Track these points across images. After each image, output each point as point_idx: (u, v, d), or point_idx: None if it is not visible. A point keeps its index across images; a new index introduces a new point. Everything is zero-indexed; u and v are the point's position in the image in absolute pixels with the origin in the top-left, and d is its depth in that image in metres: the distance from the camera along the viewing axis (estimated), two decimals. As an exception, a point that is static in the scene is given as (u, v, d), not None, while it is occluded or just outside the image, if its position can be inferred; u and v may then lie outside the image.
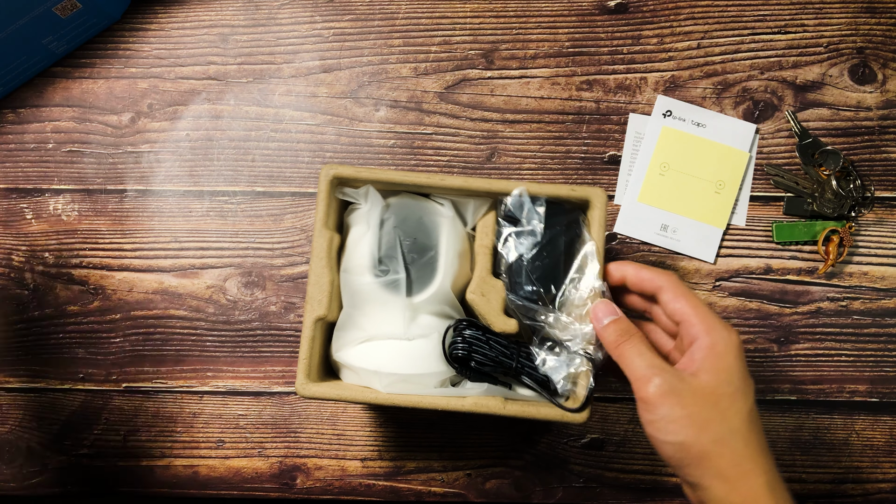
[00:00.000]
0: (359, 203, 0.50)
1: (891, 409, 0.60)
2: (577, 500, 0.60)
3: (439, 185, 0.49)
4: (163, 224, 0.61)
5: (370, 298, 0.49)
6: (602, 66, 0.62)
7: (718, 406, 0.41)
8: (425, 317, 0.50)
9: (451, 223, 0.50)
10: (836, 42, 0.62)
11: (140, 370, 0.61)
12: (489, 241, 0.50)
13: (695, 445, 0.41)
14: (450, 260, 0.50)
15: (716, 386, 0.41)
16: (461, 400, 0.48)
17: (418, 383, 0.49)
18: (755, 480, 0.41)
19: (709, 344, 0.42)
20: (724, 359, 0.42)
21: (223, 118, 0.62)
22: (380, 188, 0.50)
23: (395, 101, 0.62)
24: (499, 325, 0.49)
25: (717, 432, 0.41)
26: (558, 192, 0.49)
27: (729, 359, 0.42)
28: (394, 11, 0.62)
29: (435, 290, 0.49)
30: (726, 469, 0.41)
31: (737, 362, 0.42)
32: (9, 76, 0.60)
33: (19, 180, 0.62)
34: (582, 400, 0.48)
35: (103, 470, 0.60)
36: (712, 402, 0.41)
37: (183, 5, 0.63)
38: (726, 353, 0.42)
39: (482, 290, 0.49)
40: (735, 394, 0.42)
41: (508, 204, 0.49)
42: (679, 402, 0.41)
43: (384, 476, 0.60)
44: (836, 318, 0.61)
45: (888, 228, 0.61)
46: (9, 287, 0.61)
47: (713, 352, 0.42)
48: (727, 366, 0.42)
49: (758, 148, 0.61)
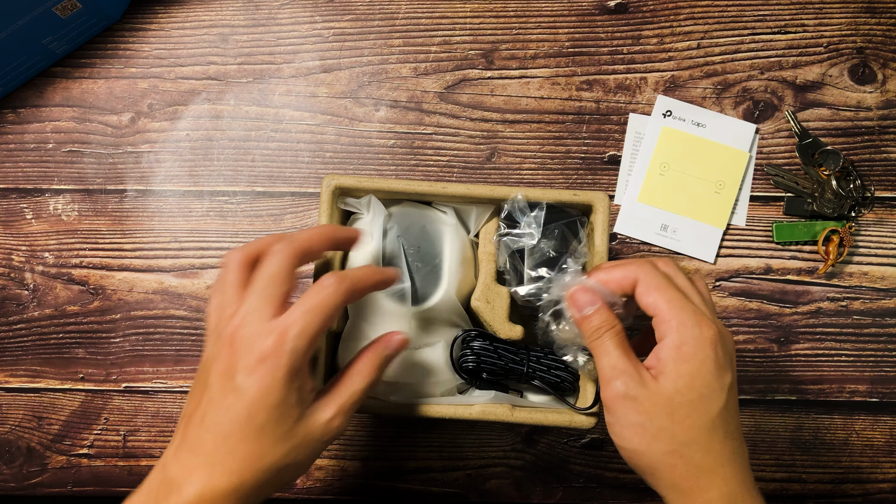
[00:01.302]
0: (361, 213, 0.50)
1: (891, 409, 0.60)
2: (577, 500, 0.60)
3: (442, 193, 0.49)
4: (163, 224, 0.61)
5: (375, 308, 0.49)
6: (602, 66, 0.62)
7: (675, 415, 0.38)
8: (431, 325, 0.50)
9: (455, 231, 0.50)
10: (836, 42, 0.62)
11: (140, 370, 0.61)
12: (492, 247, 0.50)
13: (645, 455, 0.39)
14: (454, 268, 0.49)
15: (674, 393, 0.38)
16: (468, 408, 0.48)
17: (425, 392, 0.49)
18: (711, 493, 0.38)
19: (675, 344, 0.39)
20: (688, 362, 0.38)
21: (223, 118, 0.62)
22: (382, 197, 0.50)
23: (395, 101, 0.62)
24: (505, 331, 0.49)
25: (669, 444, 0.38)
26: (561, 198, 0.49)
27: (694, 362, 0.38)
28: (394, 11, 0.62)
29: (440, 298, 0.49)
30: (679, 482, 0.38)
31: (705, 364, 0.38)
32: (9, 76, 0.60)
33: (19, 180, 0.62)
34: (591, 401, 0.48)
35: (103, 470, 0.60)
36: (668, 410, 0.38)
37: (183, 5, 0.63)
38: (692, 356, 0.38)
39: (487, 297, 0.49)
40: (696, 401, 0.38)
41: (507, 209, 0.49)
42: (635, 409, 0.39)
43: (384, 476, 0.60)
44: (836, 318, 0.61)
45: (888, 228, 0.61)
46: (9, 287, 0.61)
47: (678, 353, 0.39)
48: (691, 370, 0.38)
49: (758, 148, 0.61)
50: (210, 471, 0.37)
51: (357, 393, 0.41)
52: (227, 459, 0.37)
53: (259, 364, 0.37)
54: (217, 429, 0.37)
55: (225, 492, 0.37)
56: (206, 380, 0.39)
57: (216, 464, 0.37)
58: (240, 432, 0.37)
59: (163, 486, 0.37)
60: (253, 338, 0.37)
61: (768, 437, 0.60)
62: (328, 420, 0.39)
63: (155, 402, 0.61)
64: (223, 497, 0.37)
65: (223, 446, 0.37)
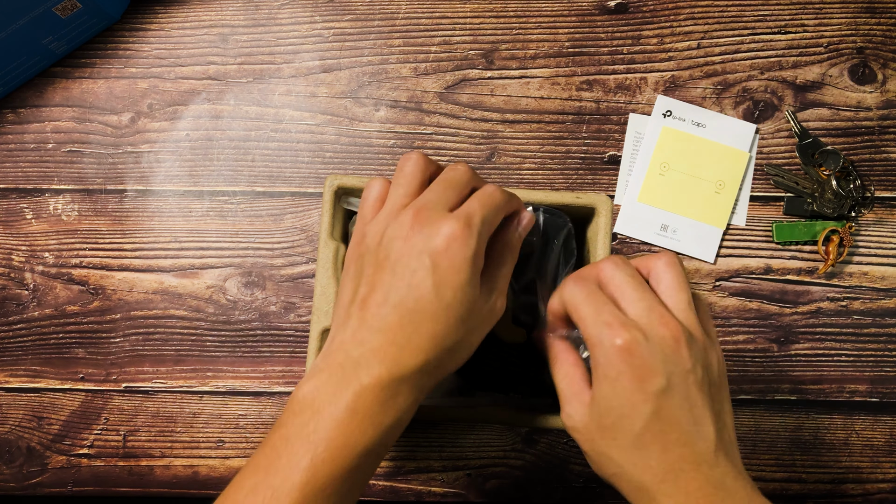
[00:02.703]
0: None
1: (891, 409, 0.60)
2: (577, 500, 0.60)
3: None
4: (163, 224, 0.61)
5: None
6: (602, 66, 0.62)
7: (605, 438, 0.37)
8: None
9: None
10: (836, 42, 0.62)
11: (140, 370, 0.61)
12: None
13: (603, 477, 0.39)
14: None
15: (600, 417, 0.37)
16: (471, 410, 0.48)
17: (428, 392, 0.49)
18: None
19: (595, 364, 0.37)
20: (605, 380, 0.36)
21: (223, 118, 0.62)
22: None
23: (395, 101, 0.62)
24: (507, 335, 0.49)
25: (609, 467, 0.38)
26: (563, 200, 0.49)
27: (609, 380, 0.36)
28: (394, 11, 0.62)
29: None
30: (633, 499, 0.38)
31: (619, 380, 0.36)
32: (9, 76, 0.60)
33: (19, 180, 0.62)
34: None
35: (103, 470, 0.60)
36: (600, 435, 0.37)
37: (183, 5, 0.63)
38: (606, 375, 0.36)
39: None
40: (618, 422, 0.36)
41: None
42: (579, 437, 0.39)
43: (384, 476, 0.60)
44: (836, 318, 0.61)
45: (888, 228, 0.61)
46: (9, 287, 0.61)
47: (597, 374, 0.37)
48: (608, 391, 0.36)
49: (758, 148, 0.61)
50: (399, 349, 0.36)
51: (510, 272, 0.41)
52: (413, 338, 0.37)
53: (449, 243, 0.36)
54: (403, 307, 0.37)
55: (413, 370, 0.37)
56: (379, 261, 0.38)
57: (405, 343, 0.36)
58: (427, 310, 0.36)
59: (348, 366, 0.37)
60: (440, 221, 0.37)
61: (768, 437, 0.60)
62: (493, 301, 0.39)
63: (155, 402, 0.61)
64: (411, 376, 0.37)
65: (409, 325, 0.37)
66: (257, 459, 0.37)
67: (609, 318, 0.36)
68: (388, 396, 0.36)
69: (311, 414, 0.36)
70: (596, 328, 0.36)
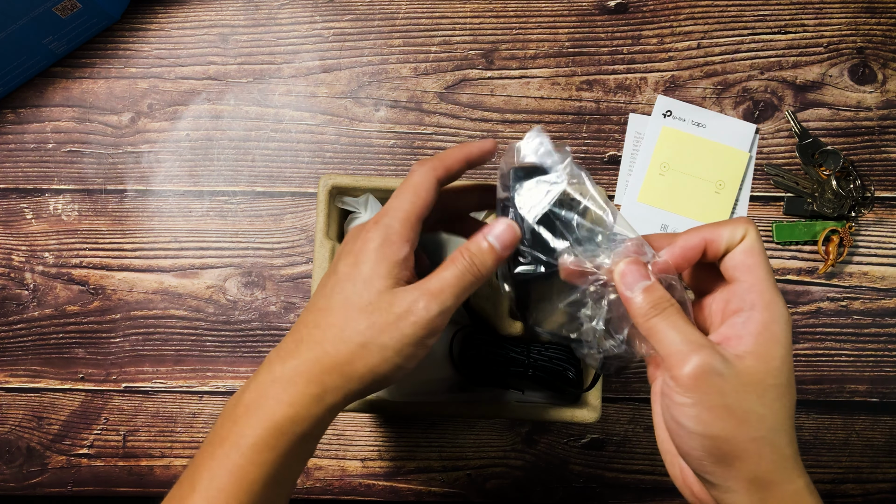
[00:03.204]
0: (359, 212, 0.50)
1: (891, 409, 0.60)
2: (577, 500, 0.60)
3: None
4: (163, 224, 0.61)
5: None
6: (602, 66, 0.62)
7: (764, 398, 0.34)
8: None
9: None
10: (836, 42, 0.62)
11: (140, 370, 0.61)
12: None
13: (729, 442, 0.34)
14: None
15: (765, 374, 0.34)
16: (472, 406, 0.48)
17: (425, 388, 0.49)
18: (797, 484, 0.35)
19: (765, 321, 0.35)
20: (780, 344, 0.35)
21: (223, 118, 0.62)
22: (379, 196, 0.50)
23: (395, 101, 0.62)
24: (505, 328, 0.49)
25: (757, 429, 0.34)
26: None
27: (785, 345, 0.35)
28: (394, 11, 0.62)
29: None
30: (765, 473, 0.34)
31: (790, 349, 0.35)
32: (9, 76, 0.60)
33: (19, 180, 0.62)
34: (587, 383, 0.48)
35: (103, 470, 0.60)
36: (758, 392, 0.34)
37: (183, 5, 0.63)
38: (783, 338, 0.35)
39: (487, 294, 0.49)
40: (785, 385, 0.35)
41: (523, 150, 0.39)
42: (718, 389, 0.34)
43: (384, 476, 0.60)
44: (836, 318, 0.61)
45: (888, 228, 0.61)
46: (9, 287, 0.61)
47: (768, 333, 0.35)
48: (780, 354, 0.35)
49: (758, 148, 0.61)
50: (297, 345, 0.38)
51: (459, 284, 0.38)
52: (314, 332, 0.38)
53: (361, 244, 0.39)
54: (312, 302, 0.39)
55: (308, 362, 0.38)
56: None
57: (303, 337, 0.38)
58: (324, 300, 0.38)
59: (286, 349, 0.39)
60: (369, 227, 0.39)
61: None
62: (412, 300, 0.38)
63: (155, 402, 0.61)
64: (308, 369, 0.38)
65: (312, 319, 0.38)
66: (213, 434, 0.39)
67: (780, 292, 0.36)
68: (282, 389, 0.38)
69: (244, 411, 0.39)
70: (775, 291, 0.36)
